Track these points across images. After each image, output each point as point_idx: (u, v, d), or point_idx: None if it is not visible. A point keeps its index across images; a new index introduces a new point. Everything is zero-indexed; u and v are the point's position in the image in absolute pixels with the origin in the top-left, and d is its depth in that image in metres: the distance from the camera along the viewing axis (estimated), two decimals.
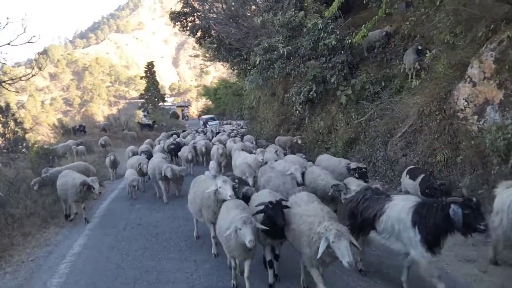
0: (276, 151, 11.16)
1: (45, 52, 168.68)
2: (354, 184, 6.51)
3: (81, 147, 17.97)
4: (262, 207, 4.87)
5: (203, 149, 14.78)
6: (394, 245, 4.77)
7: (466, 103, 8.40)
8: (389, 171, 10.13)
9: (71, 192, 8.54)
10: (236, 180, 6.49)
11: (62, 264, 6.52)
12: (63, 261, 6.62)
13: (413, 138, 9.78)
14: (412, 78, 11.70)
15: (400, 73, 11.91)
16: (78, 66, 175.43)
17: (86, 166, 11.49)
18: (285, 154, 12.00)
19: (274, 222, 4.66)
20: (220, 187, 5.52)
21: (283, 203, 4.90)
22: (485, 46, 8.03)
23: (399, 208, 4.68)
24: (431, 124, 9.19)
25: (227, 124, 32.20)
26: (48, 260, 6.80)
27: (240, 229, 4.30)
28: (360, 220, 5.13)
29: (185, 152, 13.87)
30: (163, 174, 9.78)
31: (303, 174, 7.59)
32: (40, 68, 18.84)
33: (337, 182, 6.80)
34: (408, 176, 7.47)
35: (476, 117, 8.15)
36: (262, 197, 5.45)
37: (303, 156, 15.39)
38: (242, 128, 26.57)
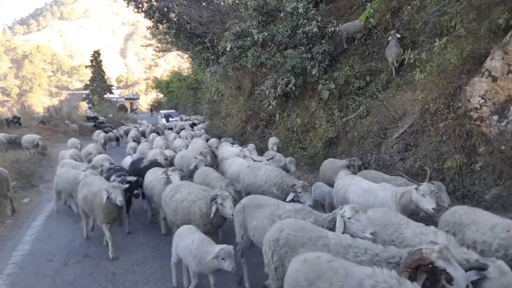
0: None
1: None
2: None
3: None
4: None
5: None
6: None
7: (482, 100, 7.18)
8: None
9: None
10: None
11: None
12: None
13: (413, 140, 8.51)
14: (396, 73, 10.68)
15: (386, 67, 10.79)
16: (18, 54, 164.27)
17: None
18: None
19: None
20: None
21: None
22: (510, 34, 6.85)
23: None
24: (437, 125, 7.96)
25: (187, 120, 29.91)
26: None
27: None
28: None
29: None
30: None
31: None
32: None
33: None
34: None
35: (496, 117, 6.95)
36: None
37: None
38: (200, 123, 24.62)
